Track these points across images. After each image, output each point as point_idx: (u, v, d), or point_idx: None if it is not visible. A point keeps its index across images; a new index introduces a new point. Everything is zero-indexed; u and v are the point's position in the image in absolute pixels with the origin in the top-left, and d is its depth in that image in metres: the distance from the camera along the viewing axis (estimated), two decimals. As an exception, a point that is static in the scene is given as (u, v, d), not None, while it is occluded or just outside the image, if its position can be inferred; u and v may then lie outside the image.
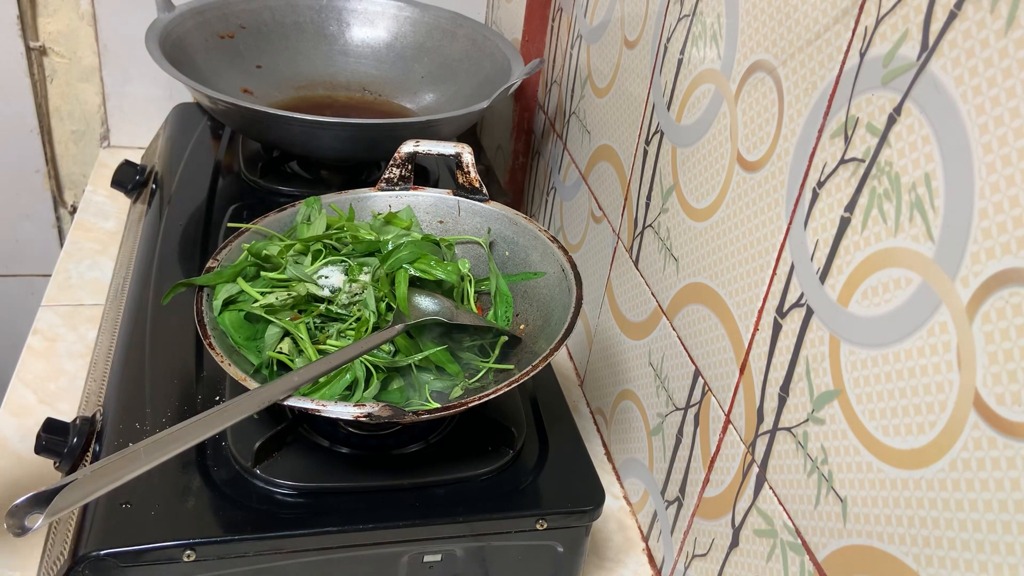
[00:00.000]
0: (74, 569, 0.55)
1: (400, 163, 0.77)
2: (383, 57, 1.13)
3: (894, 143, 0.46)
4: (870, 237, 0.48)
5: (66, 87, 1.20)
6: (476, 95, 1.00)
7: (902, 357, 0.46)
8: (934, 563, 0.43)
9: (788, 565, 0.56)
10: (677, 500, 0.72)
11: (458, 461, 0.65)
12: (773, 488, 0.57)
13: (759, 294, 0.59)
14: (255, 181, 0.97)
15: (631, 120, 0.82)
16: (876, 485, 0.48)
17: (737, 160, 0.62)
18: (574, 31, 0.99)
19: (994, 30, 0.40)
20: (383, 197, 0.77)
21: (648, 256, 0.77)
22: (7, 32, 1.11)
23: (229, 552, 0.58)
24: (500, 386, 0.59)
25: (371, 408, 0.55)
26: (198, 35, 1.01)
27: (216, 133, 1.08)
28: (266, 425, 0.64)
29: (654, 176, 0.76)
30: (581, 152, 0.96)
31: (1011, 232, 0.39)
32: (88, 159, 1.26)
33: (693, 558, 0.69)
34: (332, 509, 0.61)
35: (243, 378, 0.57)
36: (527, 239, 0.75)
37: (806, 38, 0.54)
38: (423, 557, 0.63)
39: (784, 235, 0.56)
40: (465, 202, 0.77)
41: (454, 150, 0.76)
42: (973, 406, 0.41)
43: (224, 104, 0.85)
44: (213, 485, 0.61)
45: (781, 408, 0.57)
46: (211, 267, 0.66)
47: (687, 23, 0.70)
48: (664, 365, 0.74)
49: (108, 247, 1.05)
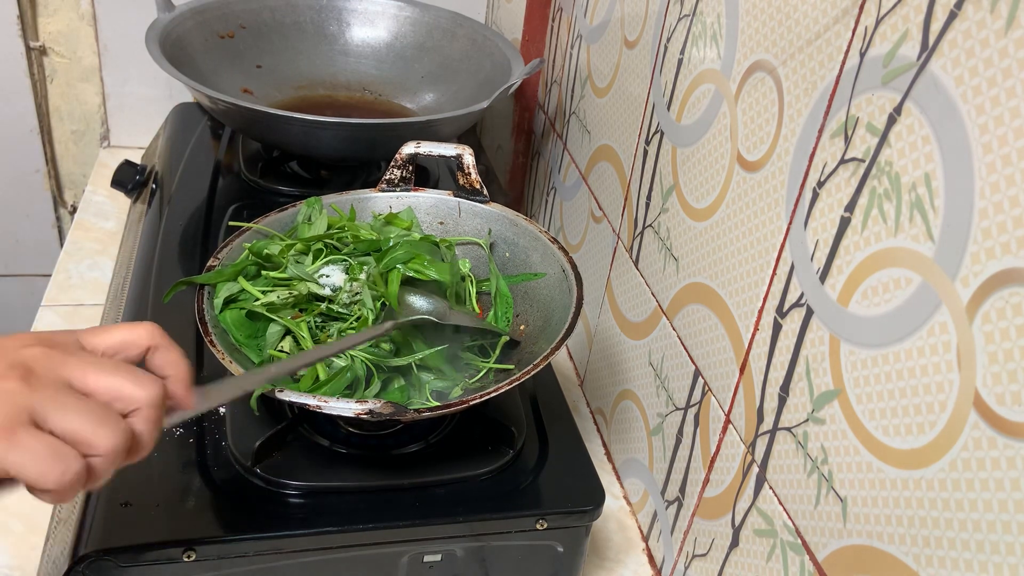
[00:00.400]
0: (74, 569, 0.55)
1: (401, 164, 0.77)
2: (383, 57, 1.13)
3: (894, 143, 0.46)
4: (870, 237, 0.48)
5: (66, 87, 1.20)
6: (476, 95, 1.00)
7: (902, 357, 0.46)
8: (934, 563, 0.43)
9: (788, 565, 0.56)
10: (677, 500, 0.72)
11: (458, 461, 0.65)
12: (773, 488, 0.57)
13: (759, 294, 0.59)
14: (255, 181, 0.97)
15: (631, 120, 0.82)
16: (876, 485, 0.48)
17: (737, 160, 0.62)
18: (574, 31, 0.99)
19: (994, 30, 0.40)
20: (384, 198, 0.77)
21: (648, 256, 0.77)
22: (7, 32, 1.11)
23: (229, 552, 0.58)
24: (500, 385, 0.59)
25: (373, 405, 0.55)
26: (198, 35, 1.01)
27: (216, 133, 1.08)
28: (266, 425, 0.64)
29: (654, 176, 0.76)
30: (581, 152, 0.96)
31: (1011, 232, 0.39)
32: (88, 159, 1.26)
33: (693, 558, 0.69)
34: (332, 509, 0.61)
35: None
36: (528, 240, 0.75)
37: (806, 38, 0.54)
38: (423, 557, 0.63)
39: (784, 235, 0.56)
40: (466, 203, 0.77)
41: (455, 151, 0.76)
42: (973, 406, 0.41)
43: (224, 104, 0.85)
44: (213, 485, 0.61)
45: (781, 408, 0.57)
46: (212, 266, 0.66)
47: (687, 23, 0.70)
48: (664, 365, 0.74)
49: (108, 247, 1.05)
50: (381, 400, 0.55)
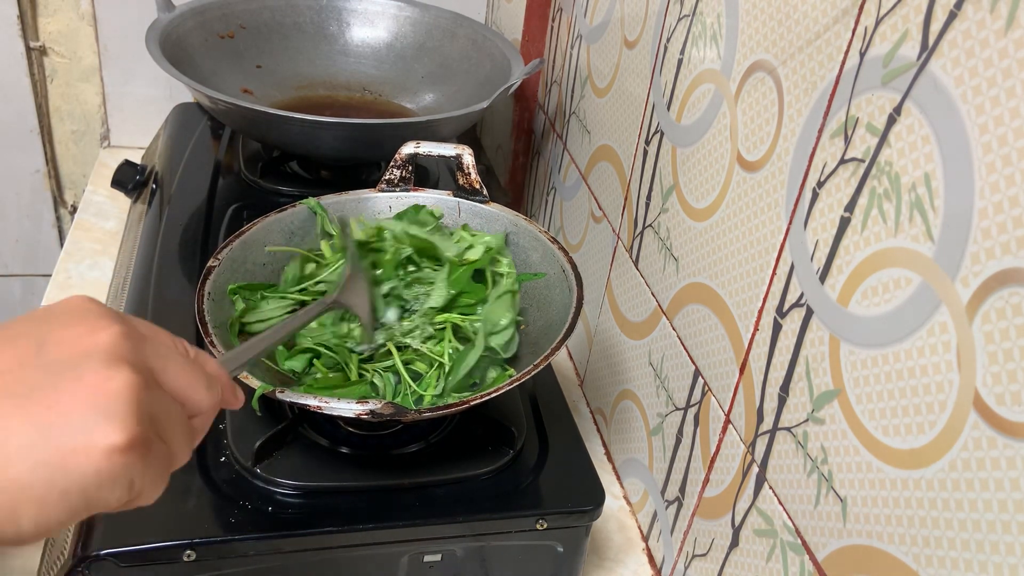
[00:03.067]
0: (74, 569, 0.55)
1: (400, 164, 0.77)
2: (383, 57, 1.13)
3: (894, 143, 0.46)
4: (870, 237, 0.48)
5: (66, 87, 1.20)
6: (476, 95, 1.00)
7: (902, 357, 0.46)
8: (934, 563, 0.43)
9: (788, 565, 0.56)
10: (677, 500, 0.72)
11: (458, 461, 0.65)
12: (773, 488, 0.57)
13: (759, 294, 0.59)
14: (255, 181, 0.97)
15: (631, 120, 0.82)
16: (876, 485, 0.48)
17: (737, 160, 0.62)
18: (574, 31, 0.99)
19: (994, 30, 0.40)
20: (384, 198, 0.77)
21: (648, 256, 0.77)
22: (7, 32, 1.11)
23: (229, 552, 0.58)
24: (500, 386, 0.59)
25: (373, 405, 0.55)
26: (198, 35, 1.01)
27: (216, 133, 1.08)
28: (266, 425, 0.64)
29: (654, 176, 0.76)
30: (581, 152, 0.96)
31: (1011, 232, 0.39)
32: (88, 159, 1.26)
33: (693, 558, 0.69)
34: (332, 509, 0.61)
35: (244, 375, 0.57)
36: (527, 240, 0.75)
37: (806, 38, 0.54)
38: (423, 557, 0.63)
39: (784, 235, 0.56)
40: (465, 203, 0.77)
41: (455, 151, 0.76)
42: (973, 406, 0.41)
43: (224, 104, 0.85)
44: (213, 485, 0.61)
45: (781, 408, 0.57)
46: (211, 266, 0.66)
47: (687, 23, 0.70)
48: (664, 365, 0.74)
49: (108, 247, 1.05)
50: (382, 400, 0.55)
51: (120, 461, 0.33)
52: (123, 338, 0.35)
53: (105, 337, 0.35)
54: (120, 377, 0.34)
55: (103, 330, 0.35)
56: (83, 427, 0.32)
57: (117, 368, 0.34)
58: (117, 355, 0.34)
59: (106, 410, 0.33)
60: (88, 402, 0.33)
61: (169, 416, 0.36)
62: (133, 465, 0.33)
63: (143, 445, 0.34)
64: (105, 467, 0.33)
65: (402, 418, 0.56)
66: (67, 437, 0.32)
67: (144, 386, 0.35)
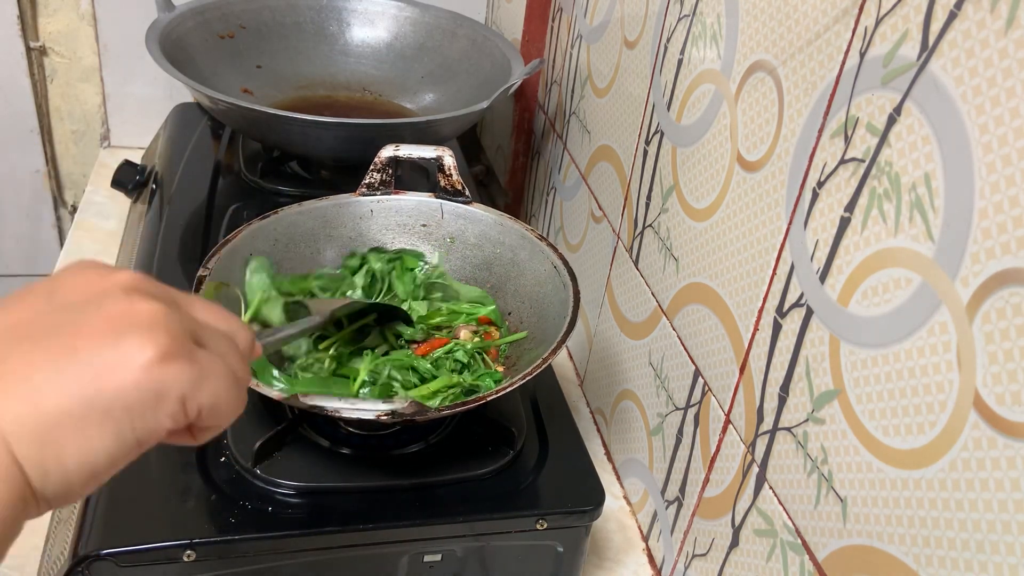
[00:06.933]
0: (74, 569, 0.55)
1: (381, 168, 0.77)
2: (383, 57, 1.13)
3: (894, 143, 0.46)
4: (870, 237, 0.48)
5: (66, 87, 1.20)
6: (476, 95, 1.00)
7: (902, 357, 0.46)
8: (934, 563, 0.43)
9: (788, 565, 0.56)
10: (677, 500, 0.72)
11: (458, 461, 0.65)
12: (773, 488, 0.57)
13: (759, 294, 0.59)
14: (255, 181, 0.97)
15: (631, 120, 0.82)
16: (876, 485, 0.48)
17: (737, 160, 0.62)
18: (574, 31, 0.99)
19: (994, 30, 0.40)
20: (365, 202, 0.77)
21: (648, 256, 0.77)
22: (7, 32, 1.11)
23: (229, 552, 0.58)
24: (500, 386, 0.59)
25: (397, 405, 0.55)
26: (198, 35, 1.01)
27: (216, 133, 1.08)
28: (266, 425, 0.64)
29: (654, 176, 0.76)
30: (581, 152, 0.96)
31: (1011, 232, 0.39)
32: (88, 159, 1.26)
33: (693, 558, 0.69)
34: (332, 509, 0.61)
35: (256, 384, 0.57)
36: (514, 239, 0.75)
37: (806, 38, 0.54)
38: (423, 557, 0.63)
39: (784, 235, 0.56)
40: (448, 204, 0.77)
41: (435, 153, 0.76)
42: (973, 406, 0.41)
43: (224, 104, 0.85)
44: (213, 485, 0.61)
45: (781, 408, 0.57)
46: (202, 276, 0.65)
47: (687, 23, 0.70)
48: (664, 365, 0.74)
49: (108, 247, 1.05)
50: (407, 399, 0.55)
51: (159, 374, 0.31)
52: (140, 278, 0.34)
53: (121, 277, 0.33)
54: (143, 303, 0.32)
55: (117, 273, 0.34)
56: (113, 345, 0.30)
57: (139, 297, 0.32)
58: (136, 288, 0.33)
59: (133, 327, 0.31)
60: (113, 325, 0.31)
61: (209, 333, 0.34)
62: (176, 378, 0.31)
63: (184, 357, 0.32)
64: (144, 380, 0.30)
65: (423, 417, 0.56)
66: (97, 357, 0.30)
67: (171, 310, 0.33)
